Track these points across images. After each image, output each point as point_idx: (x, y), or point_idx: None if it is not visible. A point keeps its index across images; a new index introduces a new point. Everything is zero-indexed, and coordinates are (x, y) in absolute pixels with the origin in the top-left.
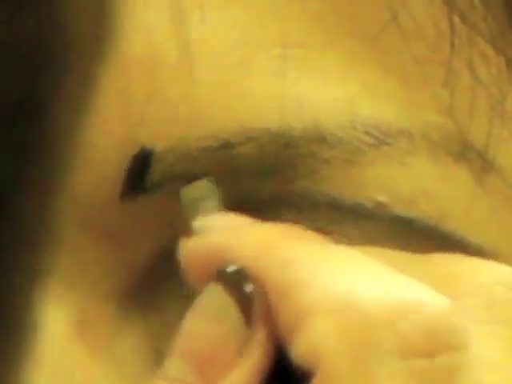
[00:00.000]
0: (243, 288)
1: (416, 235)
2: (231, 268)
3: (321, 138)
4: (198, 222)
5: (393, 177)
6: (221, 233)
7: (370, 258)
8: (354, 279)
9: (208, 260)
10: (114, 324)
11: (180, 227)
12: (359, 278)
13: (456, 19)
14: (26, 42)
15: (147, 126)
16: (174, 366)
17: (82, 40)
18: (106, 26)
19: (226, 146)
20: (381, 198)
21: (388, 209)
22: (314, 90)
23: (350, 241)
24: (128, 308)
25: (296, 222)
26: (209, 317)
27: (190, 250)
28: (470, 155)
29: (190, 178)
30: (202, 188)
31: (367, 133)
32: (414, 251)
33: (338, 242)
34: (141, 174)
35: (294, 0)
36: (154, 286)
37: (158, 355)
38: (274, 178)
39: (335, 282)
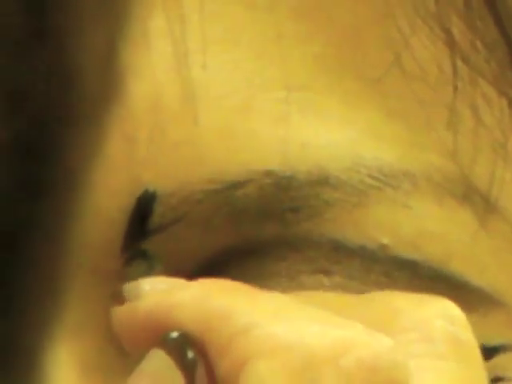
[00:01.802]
0: (186, 353)
1: (419, 277)
2: (173, 334)
3: (324, 181)
4: (128, 287)
5: (396, 219)
6: (154, 296)
7: (304, 303)
8: (292, 322)
9: (144, 325)
10: (119, 368)
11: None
12: (297, 320)
13: (458, 61)
14: (37, 91)
15: (150, 169)
16: None
17: (92, 89)
18: (115, 75)
19: (229, 188)
20: (384, 240)
21: (391, 251)
22: (316, 132)
23: (352, 281)
24: None
25: (298, 263)
26: (152, 382)
27: (123, 317)
28: (473, 197)
29: (192, 222)
30: None
31: (370, 175)
32: (417, 293)
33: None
34: (144, 216)
35: (296, 43)
36: None
37: None
38: (276, 220)
39: (274, 325)
